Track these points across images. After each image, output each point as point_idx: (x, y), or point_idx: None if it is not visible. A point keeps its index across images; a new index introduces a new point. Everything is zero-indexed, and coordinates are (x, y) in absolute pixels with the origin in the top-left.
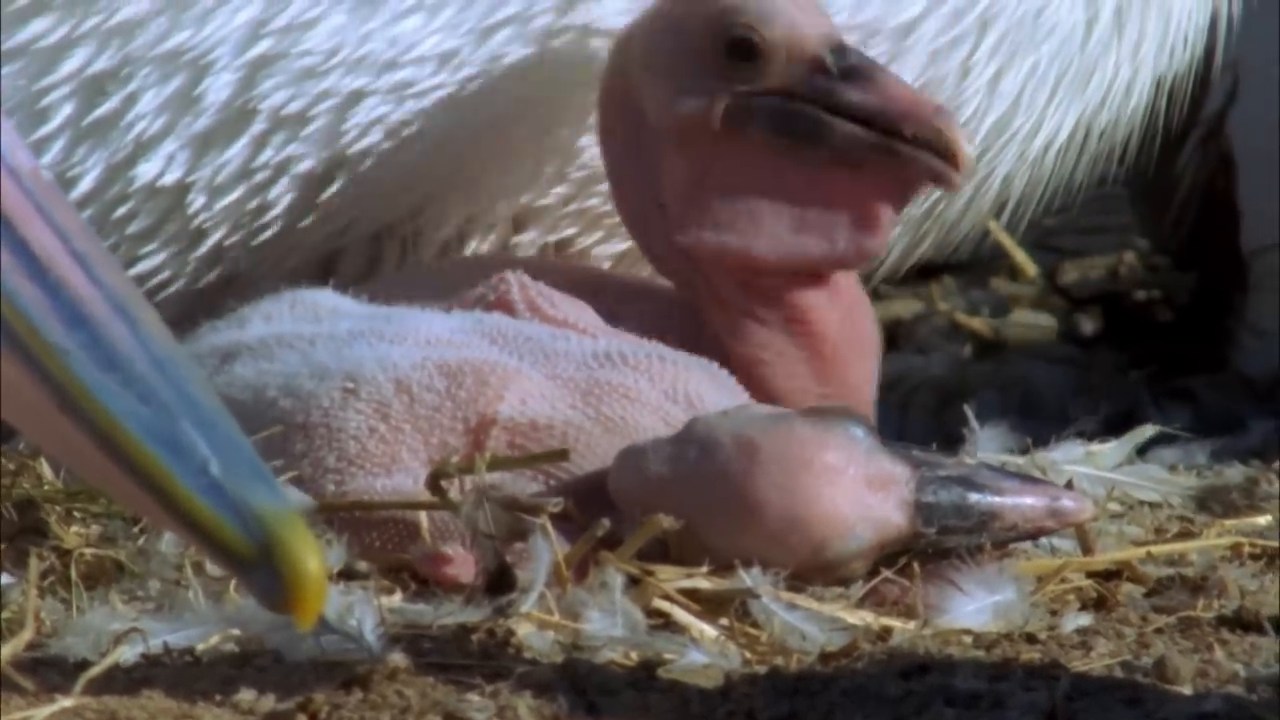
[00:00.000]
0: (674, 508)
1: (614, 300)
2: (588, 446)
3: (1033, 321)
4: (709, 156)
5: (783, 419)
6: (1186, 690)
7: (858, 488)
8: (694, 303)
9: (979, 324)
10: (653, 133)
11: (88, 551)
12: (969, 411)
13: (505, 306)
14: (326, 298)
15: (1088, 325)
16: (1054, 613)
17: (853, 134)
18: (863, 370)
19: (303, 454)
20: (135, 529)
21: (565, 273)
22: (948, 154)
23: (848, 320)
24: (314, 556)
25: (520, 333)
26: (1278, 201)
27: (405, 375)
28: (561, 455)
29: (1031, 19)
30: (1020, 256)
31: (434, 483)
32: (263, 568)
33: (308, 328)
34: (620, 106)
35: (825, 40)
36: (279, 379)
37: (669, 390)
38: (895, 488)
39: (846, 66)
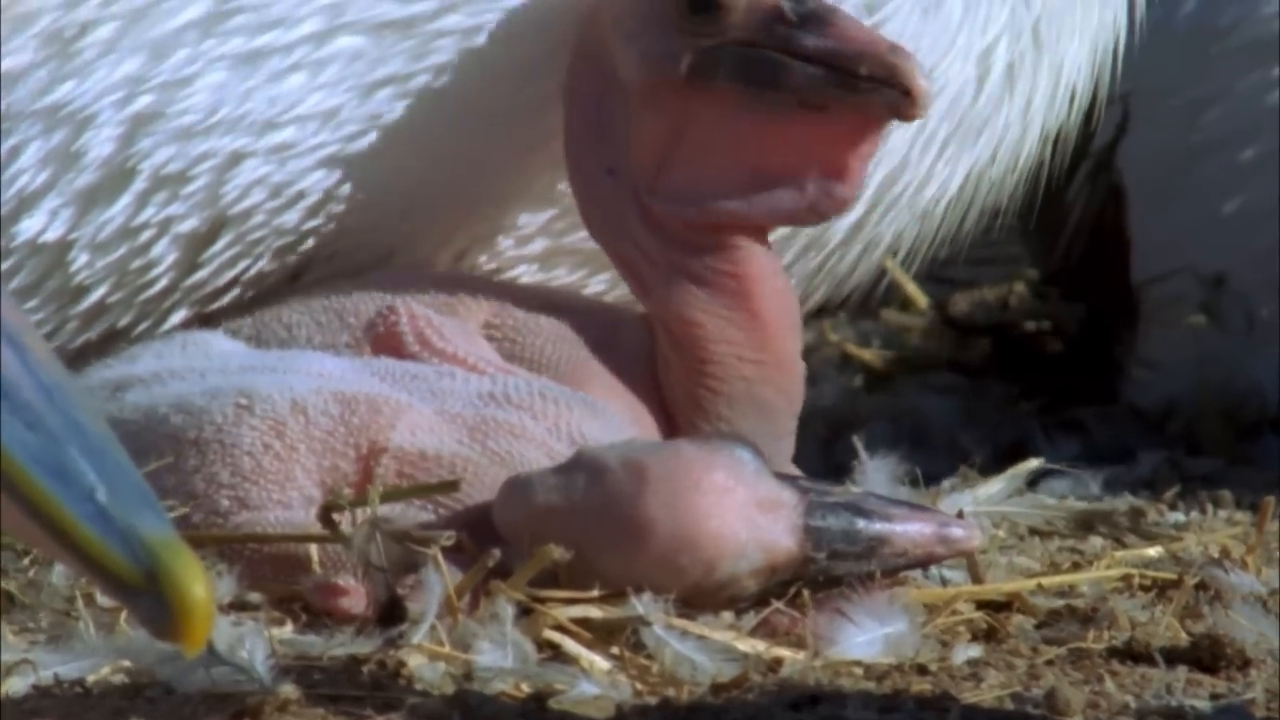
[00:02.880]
0: (563, 534)
1: (562, 315)
2: (476, 478)
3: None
4: (679, 115)
5: (669, 444)
6: None
7: (747, 507)
8: (639, 299)
9: (869, 355)
10: (621, 96)
11: None
12: (858, 443)
13: (394, 339)
14: (218, 340)
15: (978, 356)
16: (944, 644)
17: (811, 75)
18: (792, 344)
19: (195, 469)
20: (26, 560)
21: (512, 291)
22: (903, 88)
23: (779, 291)
24: (200, 583)
25: (407, 371)
26: (1168, 232)
27: (301, 397)
28: (453, 486)
29: None
30: (910, 288)
31: (325, 516)
32: (150, 594)
33: (199, 363)
34: (589, 72)
35: None
36: (171, 398)
37: (552, 427)
38: (784, 510)
39: (804, 13)
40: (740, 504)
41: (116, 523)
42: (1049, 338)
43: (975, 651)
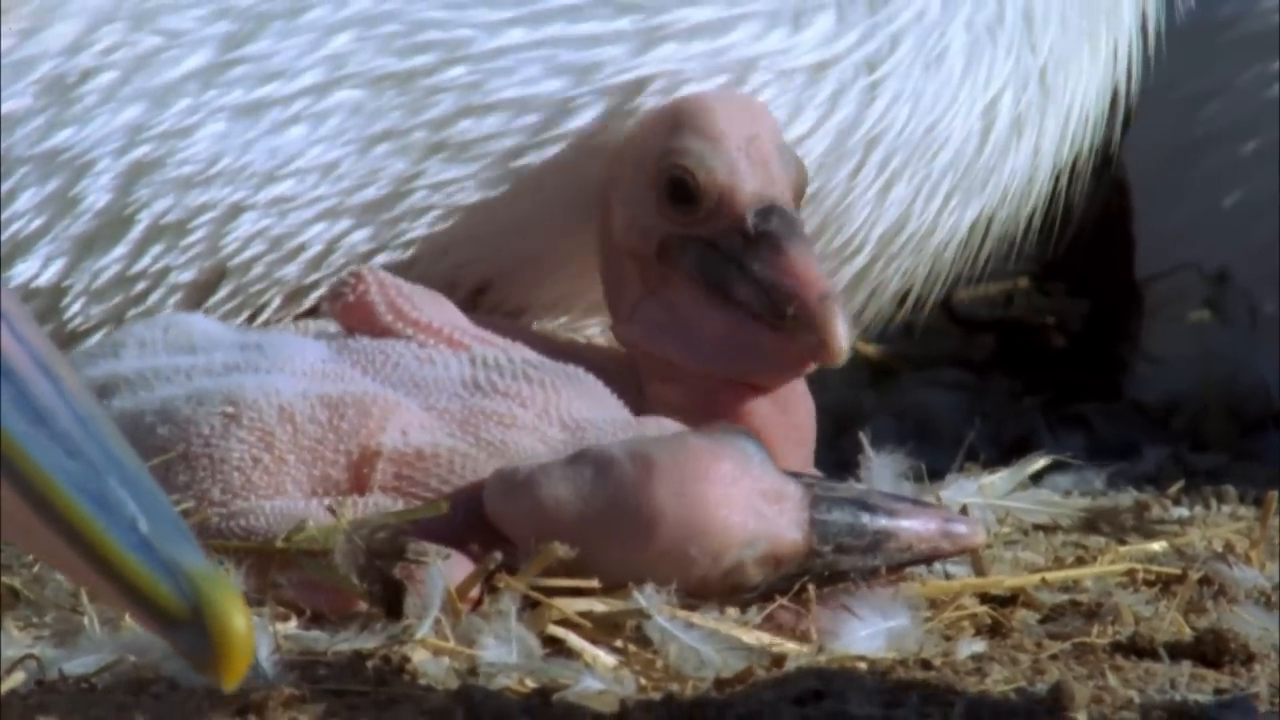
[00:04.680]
0: (570, 527)
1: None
2: (474, 472)
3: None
4: (653, 279)
5: (675, 435)
6: (1081, 716)
7: (753, 497)
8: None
9: (874, 350)
10: (616, 245)
11: None
12: (864, 438)
13: (364, 309)
14: (200, 323)
15: (982, 352)
16: (948, 639)
17: (751, 294)
18: (798, 459)
19: (186, 486)
20: (30, 556)
21: (525, 335)
22: (822, 338)
23: (781, 412)
24: (241, 616)
25: (388, 359)
26: (1171, 227)
27: (288, 402)
28: (438, 509)
29: (922, 134)
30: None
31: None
32: (192, 627)
33: (184, 360)
34: (604, 216)
35: (756, 199)
36: (156, 405)
37: (542, 413)
38: (789, 503)
39: (761, 231)
40: (747, 494)
41: (160, 554)
42: (1053, 333)
43: (979, 646)
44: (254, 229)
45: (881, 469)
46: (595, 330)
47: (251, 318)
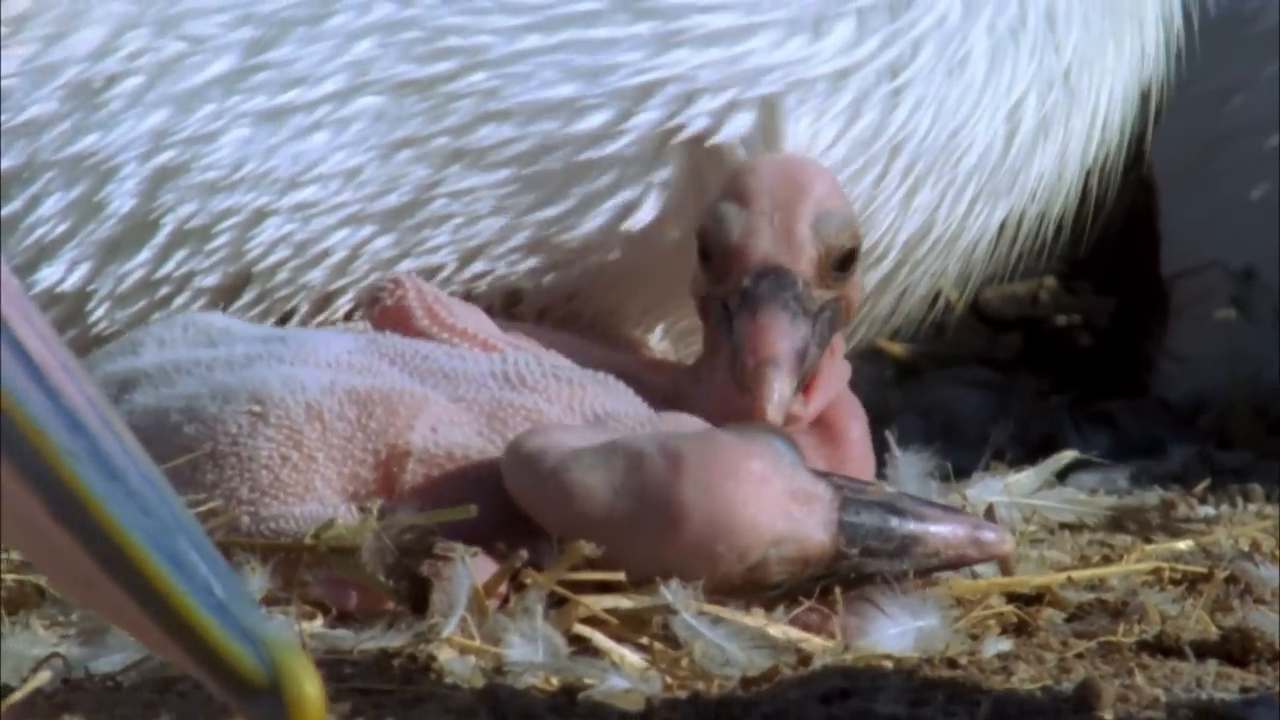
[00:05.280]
0: (599, 520)
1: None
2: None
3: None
4: (707, 339)
5: (706, 432)
6: (1107, 715)
7: (782, 497)
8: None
9: (900, 349)
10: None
11: (9, 577)
12: (890, 437)
13: (401, 314)
14: (219, 319)
15: (1008, 350)
16: (974, 637)
17: (729, 355)
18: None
19: (214, 484)
20: None
21: (559, 342)
22: (754, 404)
23: (827, 455)
24: (313, 683)
25: (417, 352)
26: (1197, 225)
27: (315, 399)
28: (466, 512)
29: (946, 139)
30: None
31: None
32: (269, 696)
33: (204, 353)
34: None
35: (762, 261)
36: (179, 401)
37: (567, 408)
38: (819, 504)
39: (750, 293)
40: (776, 494)
41: (237, 619)
42: (1079, 331)
43: (1005, 645)
44: (278, 234)
45: (908, 467)
46: (655, 335)
47: (281, 323)
